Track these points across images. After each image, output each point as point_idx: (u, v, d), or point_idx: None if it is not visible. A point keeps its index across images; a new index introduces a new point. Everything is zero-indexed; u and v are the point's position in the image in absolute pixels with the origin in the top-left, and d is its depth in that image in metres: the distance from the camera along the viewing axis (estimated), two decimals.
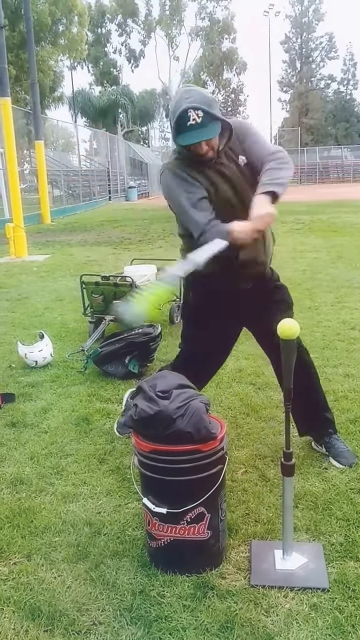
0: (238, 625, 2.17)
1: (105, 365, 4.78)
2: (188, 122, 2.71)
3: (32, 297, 8.12)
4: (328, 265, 9.57)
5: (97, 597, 2.35)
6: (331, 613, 2.23)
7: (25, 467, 3.41)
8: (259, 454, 3.42)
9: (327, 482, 3.11)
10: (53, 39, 37.85)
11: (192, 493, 2.38)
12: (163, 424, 2.37)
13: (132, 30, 62.81)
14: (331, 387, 4.35)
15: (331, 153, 59.82)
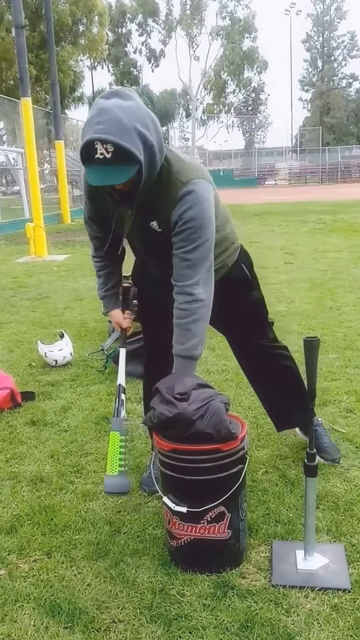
0: (258, 624, 2.16)
1: (126, 365, 4.77)
2: (95, 154, 2.16)
3: (52, 297, 8.16)
4: (350, 265, 9.51)
5: (117, 595, 2.35)
6: (352, 614, 2.21)
7: (46, 465, 3.42)
8: (280, 454, 3.40)
9: (348, 482, 3.09)
10: (73, 39, 38.01)
11: (213, 492, 2.37)
12: (183, 426, 2.36)
13: (152, 30, 63.04)
14: (352, 388, 4.33)
15: (353, 152, 59.57)
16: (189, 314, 2.51)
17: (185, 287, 2.49)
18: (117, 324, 3.13)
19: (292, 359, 3.25)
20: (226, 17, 63.07)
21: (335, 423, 3.75)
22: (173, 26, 62.07)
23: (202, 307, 2.51)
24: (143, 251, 2.71)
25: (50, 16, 22.06)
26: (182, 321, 2.52)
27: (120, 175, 2.22)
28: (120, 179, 2.23)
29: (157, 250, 2.62)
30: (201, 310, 2.51)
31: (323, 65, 74.17)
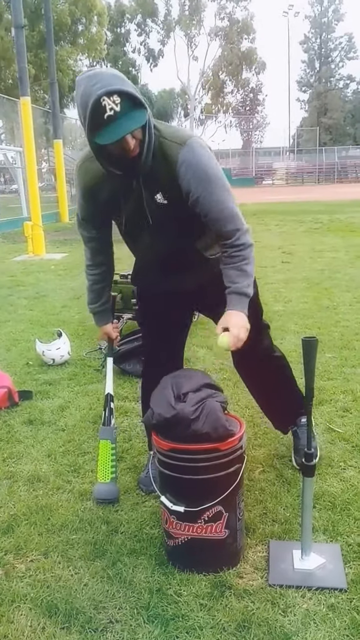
0: (255, 624, 2.16)
1: (123, 364, 4.79)
2: (105, 113, 2.15)
3: (50, 295, 8.16)
4: (347, 265, 9.52)
5: (114, 595, 2.35)
6: (349, 613, 2.21)
7: (43, 465, 3.42)
8: (277, 454, 3.40)
9: (345, 482, 3.09)
10: (72, 39, 38.05)
11: (210, 492, 2.37)
12: (180, 427, 2.36)
13: (151, 30, 62.96)
14: (349, 387, 4.33)
15: (349, 153, 59.59)
16: (242, 259, 2.52)
17: (231, 242, 2.51)
18: (106, 335, 3.20)
19: (288, 367, 3.28)
20: (225, 18, 63.11)
21: (332, 422, 3.75)
22: (172, 26, 62.08)
23: (251, 250, 2.55)
24: (151, 232, 2.63)
25: (49, 16, 22.08)
26: (237, 264, 2.52)
27: (135, 121, 2.21)
28: (136, 123, 2.22)
29: (166, 224, 2.58)
30: (251, 252, 2.55)
31: (320, 67, 74.16)
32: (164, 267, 2.76)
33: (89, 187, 2.62)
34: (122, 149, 2.27)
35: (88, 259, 3.02)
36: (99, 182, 2.55)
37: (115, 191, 2.54)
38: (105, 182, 2.52)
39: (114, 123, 2.17)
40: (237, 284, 2.52)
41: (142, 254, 2.85)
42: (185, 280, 2.79)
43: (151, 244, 2.69)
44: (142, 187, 2.47)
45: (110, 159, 2.35)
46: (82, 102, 2.20)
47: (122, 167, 2.38)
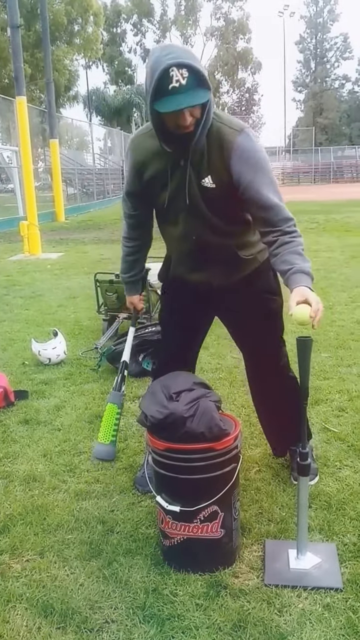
0: (251, 624, 2.16)
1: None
2: (170, 84, 2.20)
3: (46, 295, 8.14)
4: (342, 265, 9.53)
5: (109, 595, 2.35)
6: (345, 613, 2.21)
7: (38, 465, 3.41)
8: (273, 453, 3.40)
9: (340, 482, 3.09)
10: (68, 39, 38.01)
11: (206, 491, 2.37)
12: (174, 426, 2.36)
13: (147, 30, 63.00)
14: (345, 387, 4.34)
15: (345, 153, 59.57)
16: (298, 244, 2.48)
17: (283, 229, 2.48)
18: (132, 305, 3.32)
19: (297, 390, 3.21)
20: (220, 18, 63.19)
21: (328, 422, 3.75)
22: (168, 26, 62.10)
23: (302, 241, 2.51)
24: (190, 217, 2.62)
25: (45, 16, 22.03)
26: (295, 248, 2.46)
27: (196, 98, 2.25)
28: (197, 100, 2.26)
29: (207, 210, 2.59)
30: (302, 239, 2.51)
31: (316, 67, 74.29)
32: (197, 257, 2.76)
33: (138, 161, 2.65)
34: (177, 123, 2.32)
35: (125, 232, 3.09)
36: (149, 158, 2.59)
37: (162, 170, 2.57)
38: (155, 159, 2.57)
39: (176, 95, 2.22)
40: (299, 264, 2.43)
41: (177, 243, 2.81)
42: (215, 275, 2.78)
43: (188, 231, 2.68)
44: (190, 168, 2.50)
45: (164, 131, 2.39)
46: (151, 69, 2.25)
47: (173, 142, 2.42)
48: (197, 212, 2.59)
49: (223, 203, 2.55)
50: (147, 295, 5.48)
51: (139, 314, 3.43)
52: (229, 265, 2.76)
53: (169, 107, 2.25)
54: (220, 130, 2.44)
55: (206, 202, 2.55)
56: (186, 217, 2.63)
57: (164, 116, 2.31)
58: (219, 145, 2.44)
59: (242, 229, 2.71)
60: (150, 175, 2.62)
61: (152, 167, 2.60)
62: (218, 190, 2.51)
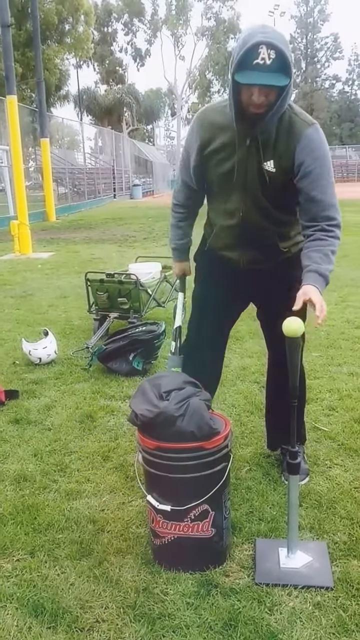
0: (241, 623, 2.17)
1: (110, 363, 4.78)
2: (255, 59, 2.28)
3: (37, 294, 8.13)
4: None
5: (100, 595, 2.34)
6: (335, 612, 2.22)
7: (29, 464, 3.40)
8: (263, 452, 3.41)
9: (331, 480, 3.10)
10: (59, 38, 37.85)
11: (197, 490, 2.37)
12: (165, 425, 2.37)
13: (138, 29, 62.75)
14: (335, 386, 4.35)
15: (336, 153, 59.66)
16: (329, 244, 2.57)
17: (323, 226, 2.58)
18: (181, 271, 3.30)
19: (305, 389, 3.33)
20: (211, 18, 62.99)
21: (318, 421, 3.76)
22: (159, 26, 61.92)
23: (339, 244, 2.61)
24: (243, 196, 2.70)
25: (36, 15, 21.94)
26: (323, 248, 2.57)
27: (275, 80, 2.33)
28: (275, 82, 2.33)
29: (267, 192, 2.67)
30: (338, 246, 2.61)
31: (306, 67, 74.35)
32: (236, 234, 2.82)
33: (203, 138, 2.71)
34: (250, 99, 2.40)
35: (178, 200, 3.07)
36: (214, 132, 2.67)
37: (226, 145, 2.64)
38: (220, 133, 2.65)
39: (257, 71, 2.30)
40: (319, 264, 2.53)
41: (222, 217, 2.85)
42: (247, 257, 2.87)
43: (237, 206, 2.75)
44: (254, 149, 2.59)
45: (237, 103, 2.47)
46: (243, 40, 2.31)
47: (244, 120, 2.51)
48: (251, 192, 2.68)
49: (278, 189, 2.65)
50: (137, 294, 5.49)
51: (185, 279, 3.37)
52: (263, 252, 2.85)
53: (247, 79, 2.33)
54: (292, 120, 2.56)
55: (262, 184, 2.64)
56: (238, 194, 2.71)
57: (241, 89, 2.40)
58: (287, 133, 2.55)
59: (288, 219, 2.81)
60: (213, 149, 2.69)
61: (216, 141, 2.67)
62: (277, 176, 2.61)
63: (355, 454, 3.37)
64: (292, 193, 2.63)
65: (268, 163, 2.60)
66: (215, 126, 2.67)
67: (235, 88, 2.42)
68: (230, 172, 2.67)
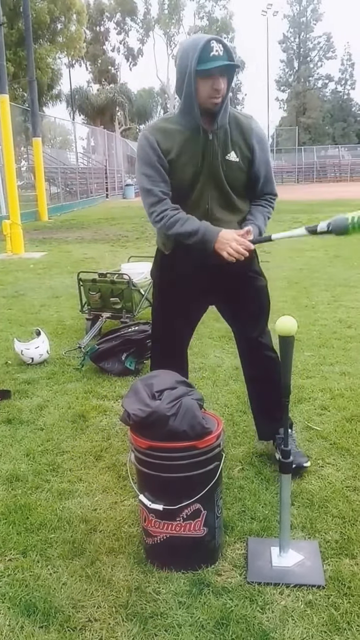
0: (233, 621, 2.17)
1: (102, 362, 4.78)
2: (212, 52, 2.64)
3: (29, 294, 8.11)
4: (325, 264, 9.58)
5: (92, 594, 2.35)
6: (327, 610, 2.23)
7: (21, 464, 3.40)
8: (256, 452, 3.41)
9: (323, 480, 3.11)
10: (51, 37, 37.77)
11: (189, 490, 2.38)
12: (157, 424, 2.37)
13: (130, 28, 62.68)
14: (327, 385, 4.36)
15: (328, 152, 59.81)
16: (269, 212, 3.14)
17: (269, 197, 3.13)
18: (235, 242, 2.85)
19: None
20: (204, 17, 63.08)
21: (310, 421, 3.77)
22: (151, 25, 61.89)
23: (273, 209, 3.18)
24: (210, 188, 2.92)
25: (28, 14, 21.89)
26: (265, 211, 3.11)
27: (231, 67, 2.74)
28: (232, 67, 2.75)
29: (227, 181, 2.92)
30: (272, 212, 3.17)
31: (299, 66, 74.45)
32: None
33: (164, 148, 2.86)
34: (211, 89, 2.71)
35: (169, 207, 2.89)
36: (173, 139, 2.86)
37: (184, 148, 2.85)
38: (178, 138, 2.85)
39: (217, 60, 2.65)
40: (260, 223, 3.02)
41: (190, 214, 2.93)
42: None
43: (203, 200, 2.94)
44: (218, 143, 2.85)
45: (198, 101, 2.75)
46: (192, 44, 2.68)
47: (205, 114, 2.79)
48: (216, 184, 2.91)
49: (238, 177, 2.95)
50: (130, 294, 5.49)
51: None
52: None
53: (212, 64, 2.64)
54: (234, 115, 2.91)
55: (226, 174, 2.90)
56: (203, 188, 2.91)
57: (199, 86, 2.70)
58: (236, 126, 2.90)
59: (243, 207, 3.06)
60: (174, 157, 2.86)
61: (174, 148, 2.85)
62: (240, 164, 2.92)
63: (347, 453, 3.38)
64: (246, 178, 3.00)
65: (231, 154, 2.89)
66: (169, 132, 2.87)
67: (194, 86, 2.71)
68: (197, 169, 2.87)
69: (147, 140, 2.88)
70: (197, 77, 2.69)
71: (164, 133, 2.87)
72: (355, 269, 9.03)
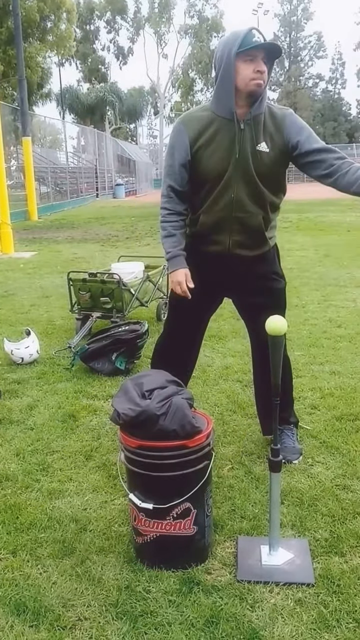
0: (223, 620, 2.18)
1: (92, 362, 4.78)
2: (253, 38, 2.72)
3: (19, 294, 8.10)
4: (315, 264, 9.61)
5: (82, 593, 2.35)
6: (316, 608, 2.24)
7: (11, 464, 3.40)
8: (246, 451, 3.42)
9: (312, 478, 3.12)
10: (41, 36, 37.63)
11: (179, 489, 2.38)
12: (147, 424, 2.37)
13: (120, 27, 62.58)
14: (317, 385, 4.38)
15: None
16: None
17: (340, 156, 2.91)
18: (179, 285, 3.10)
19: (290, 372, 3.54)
20: (194, 16, 63.02)
21: (301, 420, 3.78)
22: (141, 24, 61.82)
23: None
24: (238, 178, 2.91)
25: (17, 12, 21.80)
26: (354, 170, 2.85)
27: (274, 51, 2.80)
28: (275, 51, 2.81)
29: (259, 171, 2.91)
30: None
31: (290, 65, 74.57)
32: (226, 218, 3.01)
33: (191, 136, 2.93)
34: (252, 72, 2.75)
35: (171, 209, 3.11)
36: (202, 128, 2.91)
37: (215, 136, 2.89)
38: (208, 127, 2.90)
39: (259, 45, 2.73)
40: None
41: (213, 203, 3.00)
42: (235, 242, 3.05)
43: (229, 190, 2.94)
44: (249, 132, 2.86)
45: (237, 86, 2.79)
46: (233, 35, 2.77)
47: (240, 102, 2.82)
48: (244, 174, 2.91)
49: (269, 168, 2.93)
50: (120, 294, 5.49)
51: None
52: (250, 238, 3.07)
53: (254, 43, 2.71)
54: (270, 107, 2.92)
55: (255, 165, 2.89)
56: (231, 177, 2.92)
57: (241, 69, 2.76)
58: (271, 117, 2.89)
59: (272, 200, 3.07)
60: (204, 142, 2.91)
61: (205, 134, 2.90)
62: (271, 155, 2.90)
63: (336, 452, 3.40)
64: (279, 173, 3.01)
65: (262, 144, 2.87)
66: (202, 121, 2.91)
67: (233, 69, 2.76)
68: (226, 157, 2.88)
69: (177, 130, 2.98)
70: (238, 62, 2.75)
71: (196, 120, 2.94)
72: (345, 269, 9.06)
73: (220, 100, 2.86)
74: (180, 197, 3.08)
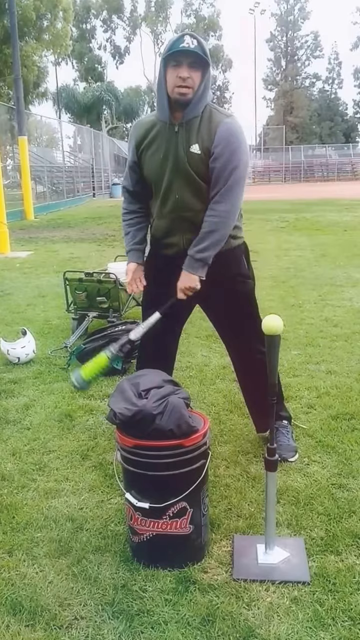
0: (219, 618, 2.19)
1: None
2: (182, 44, 2.74)
3: (15, 294, 8.09)
4: (312, 264, 9.62)
5: (79, 592, 2.35)
6: (312, 606, 2.24)
7: (7, 464, 3.40)
8: (242, 450, 3.43)
9: (308, 477, 3.13)
10: (37, 34, 37.61)
11: (175, 488, 2.39)
12: (143, 423, 2.38)
13: (117, 26, 62.77)
14: (314, 384, 4.38)
15: (316, 152, 59.99)
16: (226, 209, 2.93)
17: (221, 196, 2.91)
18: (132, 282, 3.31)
19: None
20: (191, 15, 63.23)
21: (297, 419, 3.78)
22: (138, 23, 61.91)
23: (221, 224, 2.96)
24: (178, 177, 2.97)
25: (13, 11, 21.77)
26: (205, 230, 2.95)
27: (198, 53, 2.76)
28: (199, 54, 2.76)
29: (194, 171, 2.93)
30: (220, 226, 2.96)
31: (287, 65, 74.60)
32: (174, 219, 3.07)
33: (137, 137, 3.07)
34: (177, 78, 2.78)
35: (125, 207, 3.38)
36: (147, 130, 3.03)
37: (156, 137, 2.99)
38: (151, 129, 3.01)
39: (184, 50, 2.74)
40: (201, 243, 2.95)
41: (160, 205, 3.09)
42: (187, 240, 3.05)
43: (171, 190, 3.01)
44: (183, 134, 2.91)
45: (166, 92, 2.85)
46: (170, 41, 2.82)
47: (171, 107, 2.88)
48: (184, 174, 2.95)
49: (203, 168, 2.92)
50: (117, 293, 5.49)
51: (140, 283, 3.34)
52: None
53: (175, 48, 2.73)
54: (212, 112, 2.92)
55: (191, 165, 2.93)
56: (171, 178, 2.99)
57: (168, 75, 2.81)
58: (208, 121, 2.89)
59: None
60: (147, 143, 3.02)
61: (148, 136, 3.01)
62: (202, 157, 2.90)
63: (332, 451, 3.40)
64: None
65: (194, 146, 2.90)
66: (145, 125, 3.05)
67: (163, 74, 2.84)
68: (163, 159, 2.97)
69: (129, 135, 3.16)
70: (168, 67, 2.82)
71: (142, 126, 3.07)
72: (342, 268, 9.07)
73: (158, 105, 2.96)
74: (132, 196, 3.28)
